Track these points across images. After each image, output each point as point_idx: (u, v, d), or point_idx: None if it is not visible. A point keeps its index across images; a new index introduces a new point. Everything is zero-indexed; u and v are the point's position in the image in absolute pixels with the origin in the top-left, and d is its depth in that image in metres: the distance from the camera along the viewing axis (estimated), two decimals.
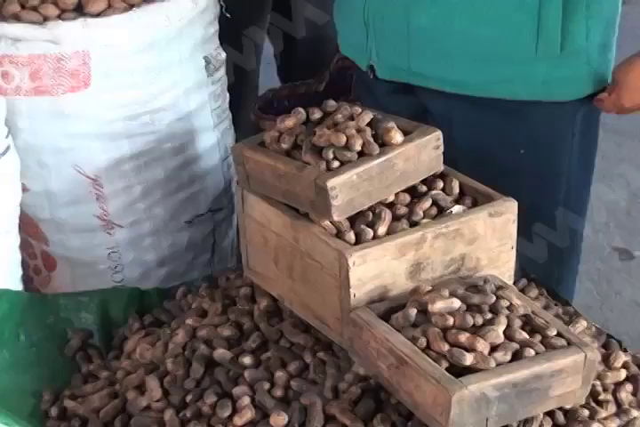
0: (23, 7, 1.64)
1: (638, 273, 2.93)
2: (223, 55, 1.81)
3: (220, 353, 1.48)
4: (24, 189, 1.68)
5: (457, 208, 1.48)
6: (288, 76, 2.63)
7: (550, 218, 1.80)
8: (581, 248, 1.98)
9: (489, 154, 1.76)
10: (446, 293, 1.37)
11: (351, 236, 1.41)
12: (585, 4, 1.70)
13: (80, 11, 1.65)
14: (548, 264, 1.88)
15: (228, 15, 1.79)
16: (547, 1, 1.67)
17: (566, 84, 1.78)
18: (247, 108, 2.27)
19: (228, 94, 1.87)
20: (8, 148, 1.56)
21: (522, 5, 1.69)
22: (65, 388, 1.60)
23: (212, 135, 1.82)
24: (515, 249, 1.53)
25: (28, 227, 1.75)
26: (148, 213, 1.79)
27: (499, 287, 1.42)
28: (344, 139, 1.42)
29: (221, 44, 1.83)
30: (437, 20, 1.76)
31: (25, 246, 1.75)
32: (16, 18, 1.62)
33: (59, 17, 1.63)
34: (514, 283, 1.57)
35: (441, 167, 1.52)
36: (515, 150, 1.75)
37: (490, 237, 1.48)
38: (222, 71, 1.82)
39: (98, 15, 1.63)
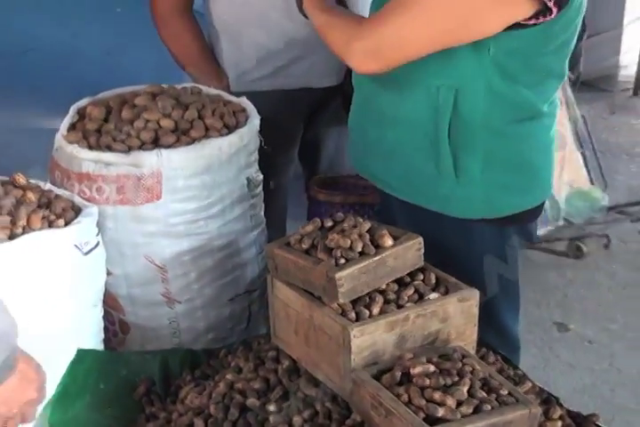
0: (114, 140, 1.67)
1: (573, 342, 2.92)
2: (260, 177, 1.83)
3: (252, 401, 1.48)
4: (108, 273, 1.69)
5: (433, 295, 1.48)
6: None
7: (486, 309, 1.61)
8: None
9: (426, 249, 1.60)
10: (424, 359, 1.37)
11: (352, 315, 1.42)
12: (480, 147, 1.64)
13: (156, 143, 1.68)
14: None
15: (265, 147, 1.81)
16: (441, 140, 1.63)
17: (463, 204, 1.70)
18: (276, 213, 2.28)
19: (263, 204, 1.89)
20: (98, 243, 1.58)
21: (422, 145, 1.66)
22: (132, 425, 1.60)
23: (250, 235, 1.83)
24: (476, 326, 1.52)
25: (110, 301, 1.76)
26: (200, 293, 1.79)
27: (464, 356, 1.42)
28: (349, 242, 1.45)
29: (260, 167, 1.85)
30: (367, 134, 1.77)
31: (106, 315, 1.75)
32: (109, 148, 1.66)
33: (140, 147, 1.66)
34: (476, 352, 1.56)
35: (421, 263, 1.53)
36: (438, 252, 1.58)
37: (458, 317, 1.49)
38: (259, 188, 1.83)
39: (169, 146, 1.66)
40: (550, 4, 1.46)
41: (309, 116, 2.28)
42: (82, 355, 1.59)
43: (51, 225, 1.51)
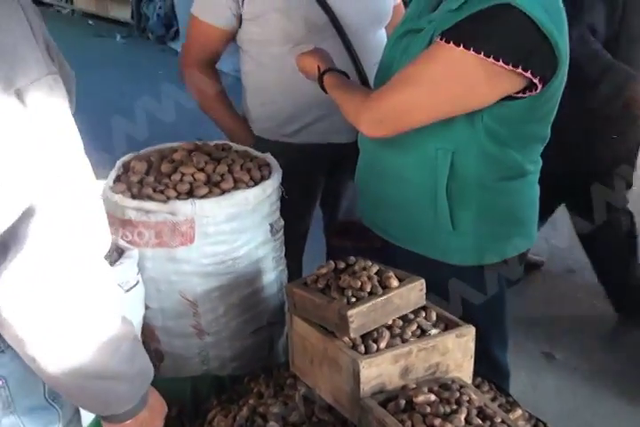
0: (154, 191, 1.68)
1: (558, 370, 2.88)
2: (282, 223, 1.83)
3: (272, 424, 1.47)
4: (146, 307, 1.70)
5: (434, 331, 1.48)
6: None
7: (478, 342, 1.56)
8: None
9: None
10: (426, 389, 1.37)
11: (362, 348, 1.42)
12: (474, 202, 1.65)
13: (190, 193, 1.68)
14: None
15: (287, 197, 1.82)
16: (439, 196, 1.63)
17: (458, 253, 1.70)
18: (296, 254, 2.28)
19: (284, 247, 1.88)
20: (138, 282, 1.58)
21: (422, 200, 1.67)
22: None
23: (272, 274, 1.82)
24: (472, 359, 1.52)
25: (147, 332, 1.75)
26: (226, 325, 1.78)
27: (461, 386, 1.41)
28: (359, 283, 1.45)
29: (284, 214, 1.85)
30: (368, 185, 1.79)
31: (144, 345, 1.70)
32: (149, 197, 1.67)
33: (176, 197, 1.67)
34: (472, 381, 1.55)
35: (424, 302, 1.53)
36: (436, 292, 1.59)
37: (456, 351, 1.48)
38: (281, 232, 1.83)
39: (202, 197, 1.67)
40: (536, 81, 1.49)
41: (330, 169, 2.27)
42: None
43: None
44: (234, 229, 1.70)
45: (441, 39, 1.48)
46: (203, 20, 2.09)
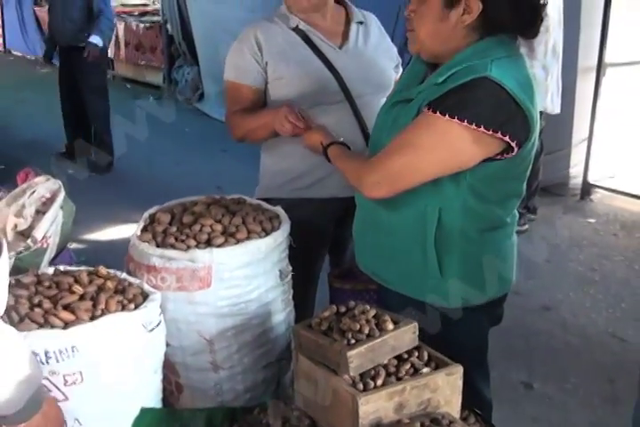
0: (176, 240, 1.65)
1: (536, 399, 2.83)
2: (290, 268, 1.79)
3: None
4: (167, 345, 1.64)
5: (426, 369, 1.43)
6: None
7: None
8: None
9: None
10: (418, 424, 1.33)
11: (360, 386, 1.37)
12: (458, 251, 1.61)
13: (209, 243, 1.66)
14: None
15: (295, 246, 1.79)
16: (428, 246, 1.61)
17: (447, 296, 1.66)
18: (307, 296, 2.24)
19: (292, 290, 1.83)
20: (160, 322, 1.53)
21: (412, 249, 1.64)
22: None
23: (281, 315, 1.77)
24: (460, 395, 1.46)
25: (168, 367, 1.69)
26: (240, 361, 1.73)
27: (451, 421, 1.37)
28: (358, 326, 1.41)
29: (295, 261, 1.81)
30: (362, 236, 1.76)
31: (165, 378, 1.68)
32: (172, 246, 1.65)
33: (196, 246, 1.64)
34: (460, 413, 1.49)
35: (416, 343, 1.48)
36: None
37: (446, 388, 1.43)
38: (289, 277, 1.79)
39: (219, 246, 1.65)
40: (513, 144, 1.50)
41: (338, 219, 2.22)
42: (144, 412, 1.53)
43: (124, 308, 1.48)
44: (247, 275, 1.66)
45: (428, 109, 1.49)
46: (237, 82, 2.10)
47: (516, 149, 1.51)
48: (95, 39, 5.37)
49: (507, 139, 1.47)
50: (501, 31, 1.53)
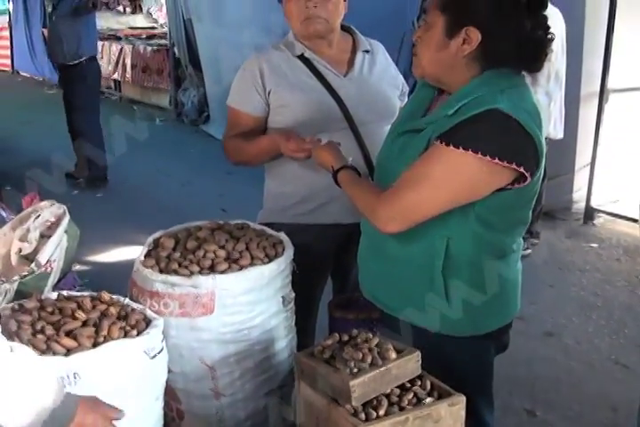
0: (180, 266, 1.65)
1: (539, 426, 2.79)
2: (293, 294, 1.78)
3: None
4: (169, 371, 1.61)
5: (429, 399, 1.42)
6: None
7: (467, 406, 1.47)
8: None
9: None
10: None
11: (362, 416, 1.36)
12: (466, 279, 1.60)
13: (212, 268, 1.65)
14: None
15: (297, 272, 1.78)
16: (435, 275, 1.60)
17: (453, 325, 1.64)
18: (308, 323, 2.22)
19: (294, 316, 1.82)
20: (162, 349, 1.52)
21: (419, 278, 1.62)
22: None
23: (284, 342, 1.76)
24: (463, 425, 1.45)
25: (170, 393, 1.67)
26: (241, 388, 1.71)
27: None
28: (361, 355, 1.40)
29: (298, 286, 1.80)
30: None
31: (167, 404, 1.66)
32: (175, 272, 1.63)
33: (199, 272, 1.64)
34: None
35: (419, 372, 1.46)
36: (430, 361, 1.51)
37: (448, 419, 1.42)
38: (292, 303, 1.78)
39: (222, 272, 1.64)
40: (527, 175, 1.50)
41: (340, 246, 2.20)
42: None
43: (126, 335, 1.46)
44: (250, 301, 1.65)
45: (441, 142, 1.48)
46: (237, 109, 2.11)
47: (528, 179, 1.51)
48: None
49: (521, 169, 1.47)
50: (504, 64, 1.54)
